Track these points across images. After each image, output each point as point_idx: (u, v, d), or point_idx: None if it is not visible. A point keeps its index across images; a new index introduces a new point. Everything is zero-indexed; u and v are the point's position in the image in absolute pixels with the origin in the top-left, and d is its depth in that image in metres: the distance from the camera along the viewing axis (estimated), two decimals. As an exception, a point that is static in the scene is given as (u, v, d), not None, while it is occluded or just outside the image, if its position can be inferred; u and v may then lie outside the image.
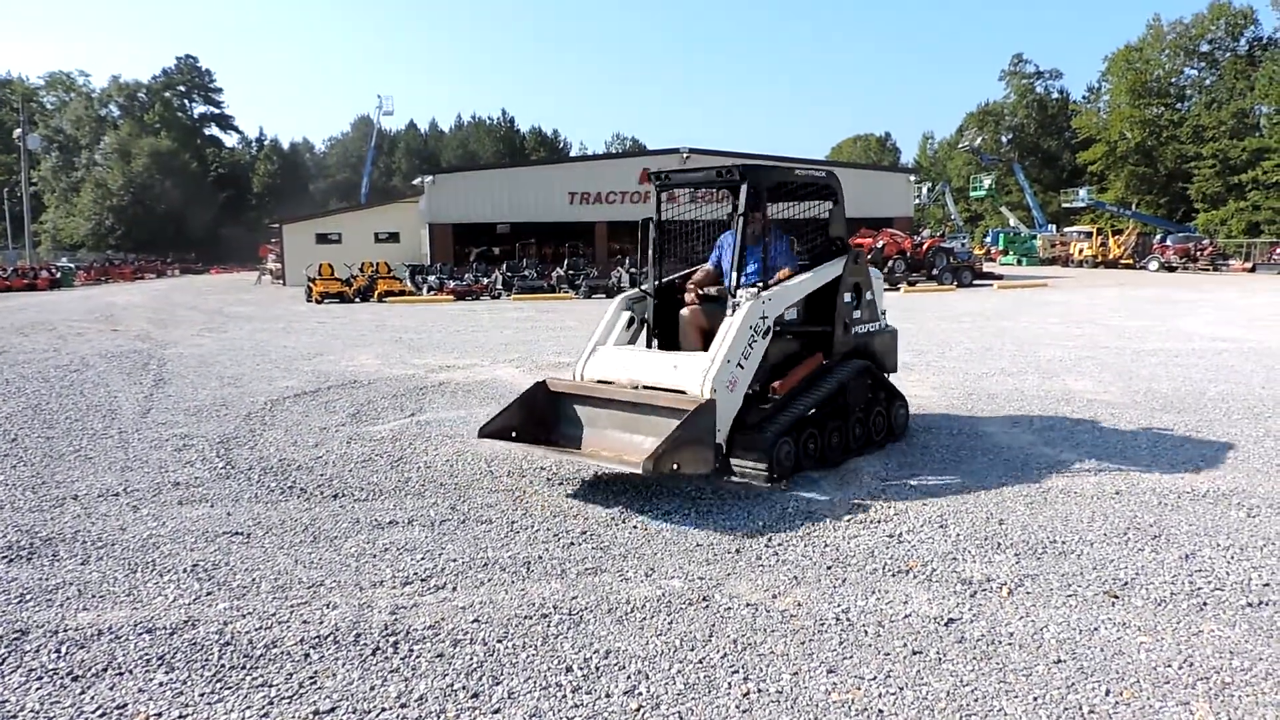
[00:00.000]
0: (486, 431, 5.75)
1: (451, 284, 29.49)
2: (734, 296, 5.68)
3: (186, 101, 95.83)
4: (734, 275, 5.80)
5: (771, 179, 6.22)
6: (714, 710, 2.94)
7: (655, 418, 5.38)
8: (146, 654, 3.34)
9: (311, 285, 27.88)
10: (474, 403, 8.73)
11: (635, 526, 4.84)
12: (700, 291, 6.24)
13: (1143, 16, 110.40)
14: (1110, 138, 67.28)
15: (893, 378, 6.98)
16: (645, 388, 5.57)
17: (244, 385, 9.97)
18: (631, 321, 6.25)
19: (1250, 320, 16.67)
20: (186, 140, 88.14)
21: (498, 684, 3.12)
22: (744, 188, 5.85)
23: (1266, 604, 3.72)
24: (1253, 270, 40.66)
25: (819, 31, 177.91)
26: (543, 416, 5.96)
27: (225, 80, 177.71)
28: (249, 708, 2.98)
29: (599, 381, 5.84)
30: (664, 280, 6.50)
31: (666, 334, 6.44)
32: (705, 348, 5.85)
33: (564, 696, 3.04)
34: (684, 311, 6.24)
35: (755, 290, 5.66)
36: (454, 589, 3.99)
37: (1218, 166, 59.20)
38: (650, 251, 6.34)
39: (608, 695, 3.04)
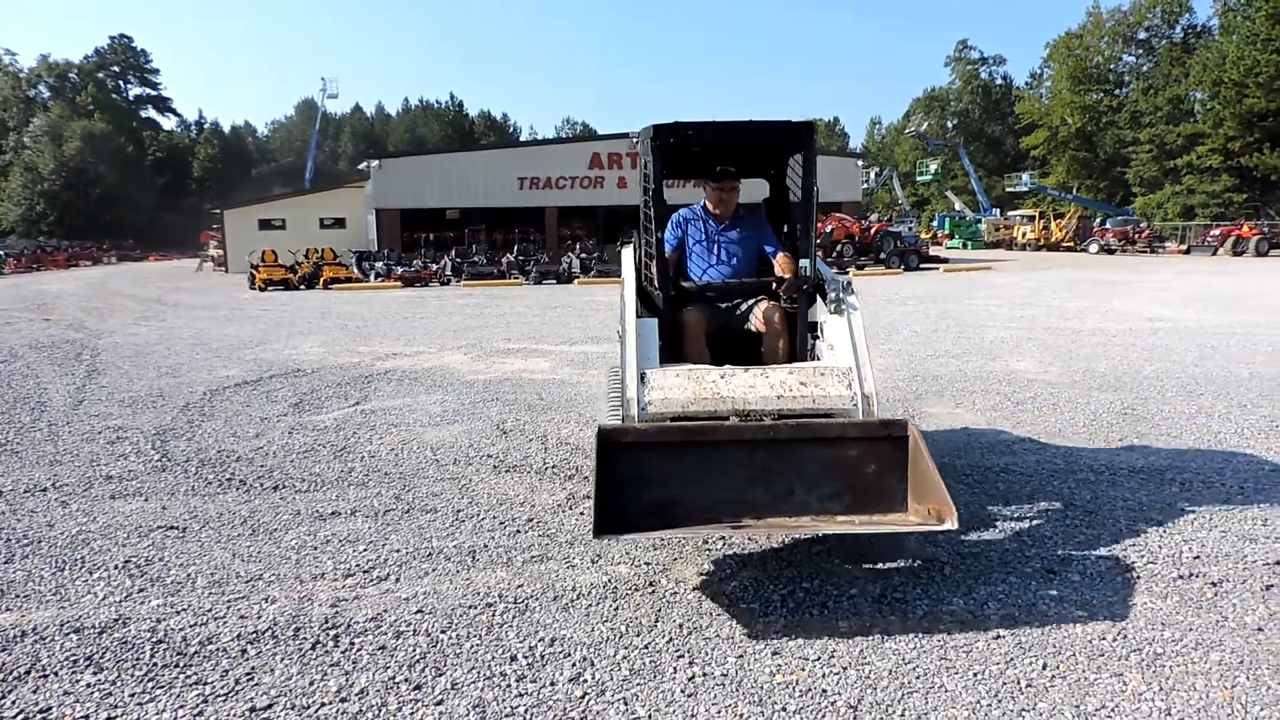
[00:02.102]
0: (608, 528, 3.49)
1: (399, 270, 29.11)
2: (799, 287, 4.62)
3: (121, 83, 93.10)
4: (806, 264, 4.60)
5: None
6: (659, 695, 2.93)
7: (818, 452, 3.96)
8: (73, 654, 3.23)
9: (255, 272, 27.35)
10: (420, 390, 8.61)
11: (582, 513, 4.81)
12: (694, 286, 4.96)
13: (1083, 3, 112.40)
14: (1052, 123, 68.66)
15: None
16: (778, 415, 4.07)
17: (182, 375, 9.72)
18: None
19: (1185, 301, 17.14)
20: (122, 123, 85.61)
21: (441, 675, 3.08)
22: (804, 153, 4.66)
23: (1197, 576, 3.81)
24: (1187, 252, 41.92)
25: (767, 18, 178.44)
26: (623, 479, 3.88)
27: (162, 61, 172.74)
28: (182, 707, 2.89)
29: (683, 418, 4.10)
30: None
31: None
32: (713, 355, 4.71)
33: (508, 686, 3.00)
34: (688, 311, 4.80)
35: (846, 281, 4.58)
36: (397, 580, 3.93)
37: (1154, 151, 60.72)
38: (661, 235, 4.73)
39: (552, 683, 3.02)
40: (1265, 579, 3.77)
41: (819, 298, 4.71)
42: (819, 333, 4.58)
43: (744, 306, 4.95)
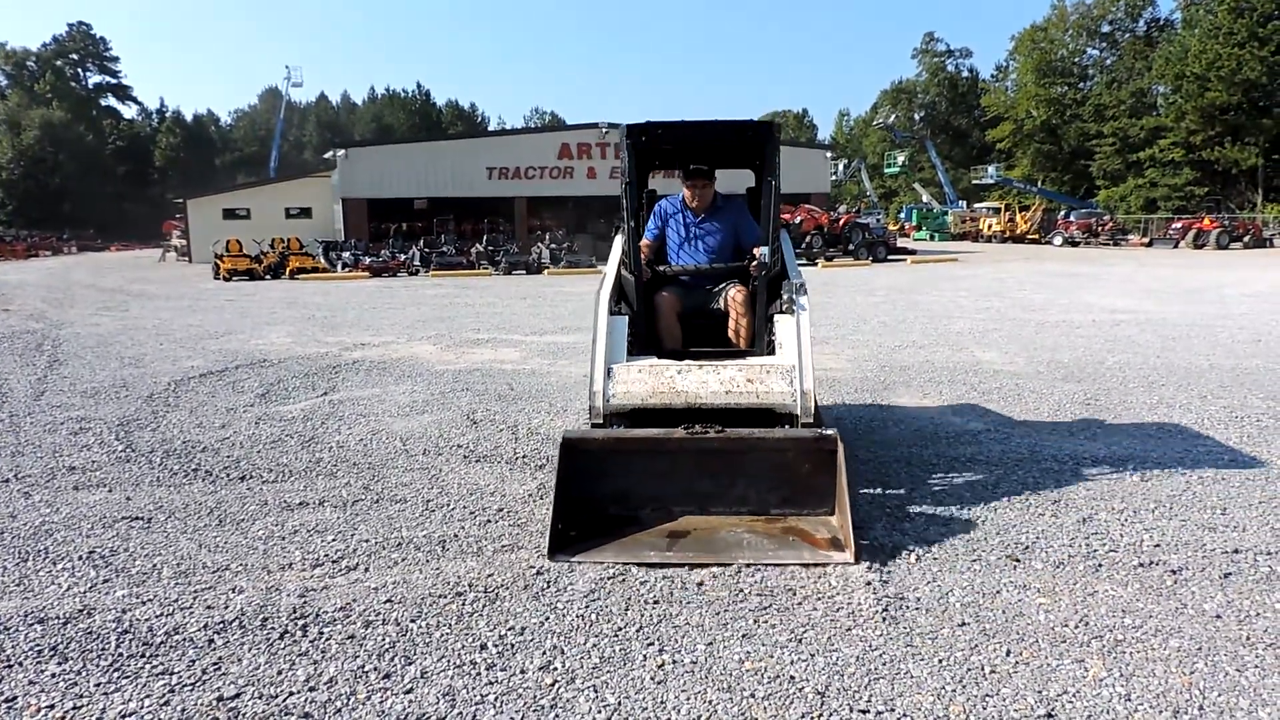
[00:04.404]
0: (561, 547, 4.04)
1: (367, 260, 28.86)
2: (760, 276, 4.95)
3: (80, 71, 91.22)
4: (765, 252, 4.89)
5: None
6: (629, 682, 2.95)
7: (763, 457, 4.39)
8: (38, 645, 3.18)
9: (219, 262, 26.99)
10: (389, 380, 8.56)
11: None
12: (670, 270, 5.33)
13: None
14: (1017, 116, 69.31)
15: (815, 349, 7.03)
16: (726, 409, 4.52)
17: (146, 366, 9.58)
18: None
19: (1146, 292, 17.43)
20: (81, 111, 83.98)
21: (410, 664, 3.07)
22: (765, 150, 5.11)
23: (1157, 564, 3.89)
24: (1149, 245, 42.59)
25: (737, 9, 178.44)
26: (587, 488, 4.36)
27: (122, 49, 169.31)
28: (148, 697, 2.86)
29: (642, 409, 4.59)
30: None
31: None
32: (685, 333, 5.24)
33: (478, 674, 3.01)
34: (663, 295, 5.23)
35: (799, 284, 4.90)
36: (366, 570, 3.91)
37: (1117, 144, 61.51)
38: (635, 224, 5.08)
39: (522, 671, 3.02)
40: (1223, 567, 3.85)
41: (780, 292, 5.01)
42: (772, 326, 4.92)
43: (716, 290, 5.35)
